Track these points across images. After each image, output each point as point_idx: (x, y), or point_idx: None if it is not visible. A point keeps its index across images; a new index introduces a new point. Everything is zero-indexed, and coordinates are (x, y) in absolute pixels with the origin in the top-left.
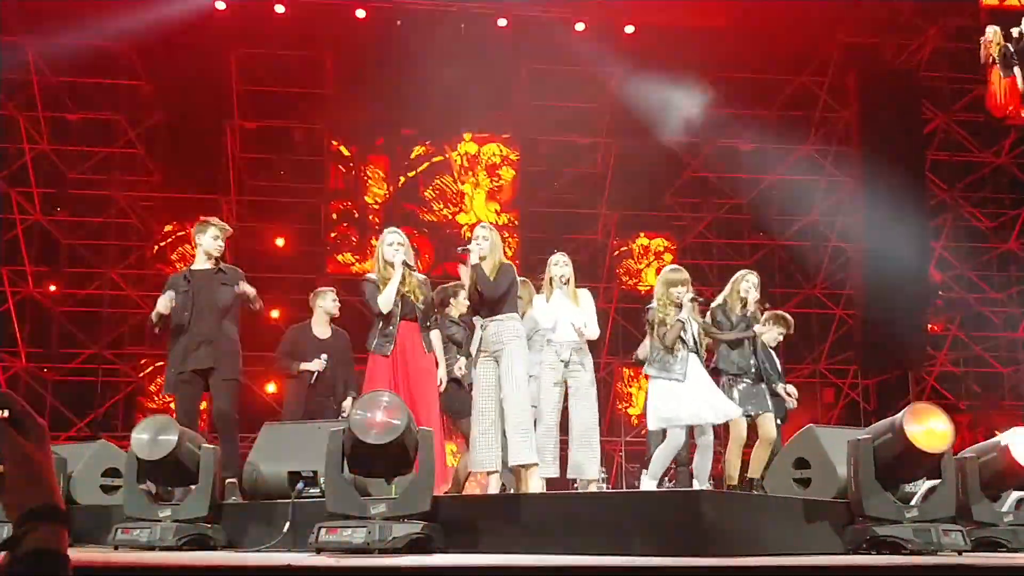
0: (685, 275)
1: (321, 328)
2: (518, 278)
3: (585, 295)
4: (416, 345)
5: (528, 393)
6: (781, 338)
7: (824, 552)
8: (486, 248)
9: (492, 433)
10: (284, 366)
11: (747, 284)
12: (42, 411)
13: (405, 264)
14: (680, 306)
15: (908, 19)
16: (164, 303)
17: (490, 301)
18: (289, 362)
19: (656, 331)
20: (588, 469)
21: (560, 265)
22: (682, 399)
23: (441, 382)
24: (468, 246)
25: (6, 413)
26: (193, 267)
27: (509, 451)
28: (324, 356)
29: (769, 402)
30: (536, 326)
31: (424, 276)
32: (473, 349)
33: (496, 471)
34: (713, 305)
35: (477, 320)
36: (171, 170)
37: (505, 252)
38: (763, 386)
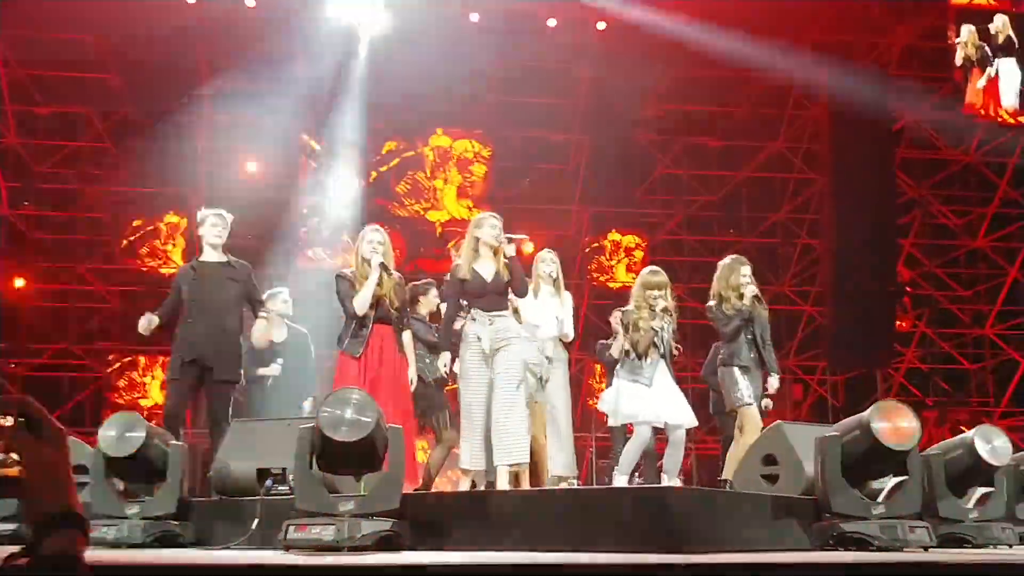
0: (663, 278)
1: (277, 330)
2: None
3: (567, 297)
4: (390, 348)
5: (523, 393)
6: None
7: (791, 548)
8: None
9: (480, 431)
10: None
11: (743, 278)
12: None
13: (382, 266)
14: (654, 310)
15: (878, 18)
16: (144, 324)
17: (520, 297)
18: (247, 367)
19: (629, 335)
20: (559, 465)
21: (548, 262)
22: (645, 400)
23: (412, 382)
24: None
25: (22, 419)
26: (200, 259)
27: (499, 449)
28: (279, 361)
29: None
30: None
31: (399, 275)
32: (486, 345)
33: (481, 470)
34: (709, 304)
35: (480, 314)
36: (140, 164)
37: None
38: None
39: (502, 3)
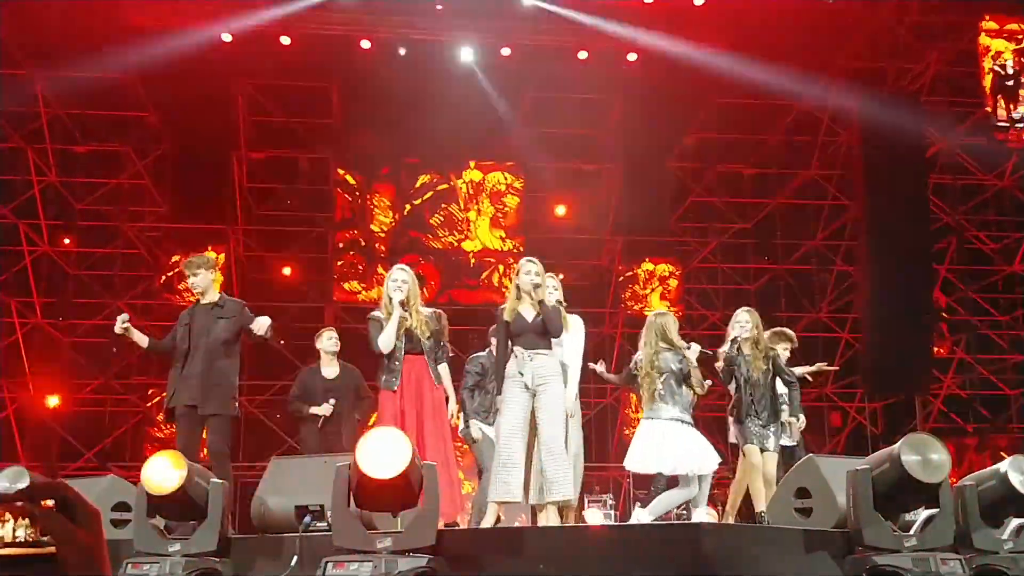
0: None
1: (328, 368)
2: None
3: (577, 322)
4: (425, 379)
5: (564, 427)
6: (788, 352)
7: None
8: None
9: (517, 464)
10: (294, 410)
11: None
12: (51, 442)
13: (401, 304)
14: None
15: (909, 44)
16: (119, 322)
17: (554, 333)
18: (299, 406)
19: (692, 380)
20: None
21: (550, 288)
22: (702, 449)
23: (452, 416)
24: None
25: (52, 503)
26: (198, 303)
27: (550, 485)
28: (331, 401)
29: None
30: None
31: (432, 311)
32: (529, 380)
33: (516, 502)
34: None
35: (521, 351)
36: (178, 201)
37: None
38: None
39: (533, 36)
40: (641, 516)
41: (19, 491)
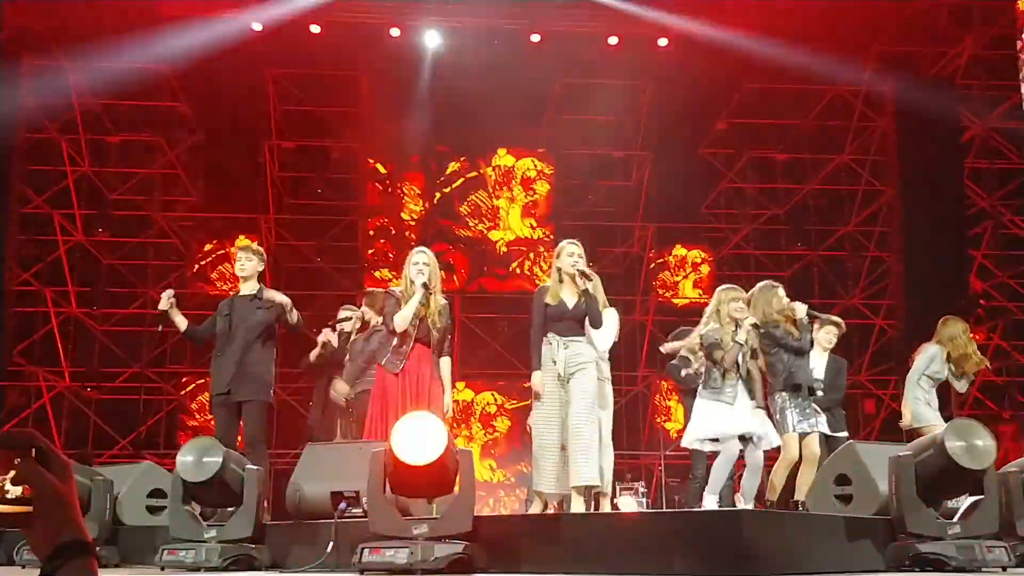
0: (742, 292)
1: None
2: None
3: (612, 314)
4: (426, 368)
5: (596, 414)
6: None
7: (866, 570)
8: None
9: (554, 454)
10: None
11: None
12: (85, 429)
13: (424, 286)
14: (738, 325)
15: (944, 28)
16: (164, 299)
17: (594, 324)
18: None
19: (714, 353)
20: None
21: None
22: (728, 416)
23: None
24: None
25: (32, 452)
26: (237, 293)
27: (572, 472)
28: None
29: (818, 419)
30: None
31: (446, 302)
32: (561, 368)
33: (554, 492)
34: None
35: (556, 338)
36: (210, 190)
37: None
38: (812, 402)
39: (563, 22)
40: (708, 500)
41: None
